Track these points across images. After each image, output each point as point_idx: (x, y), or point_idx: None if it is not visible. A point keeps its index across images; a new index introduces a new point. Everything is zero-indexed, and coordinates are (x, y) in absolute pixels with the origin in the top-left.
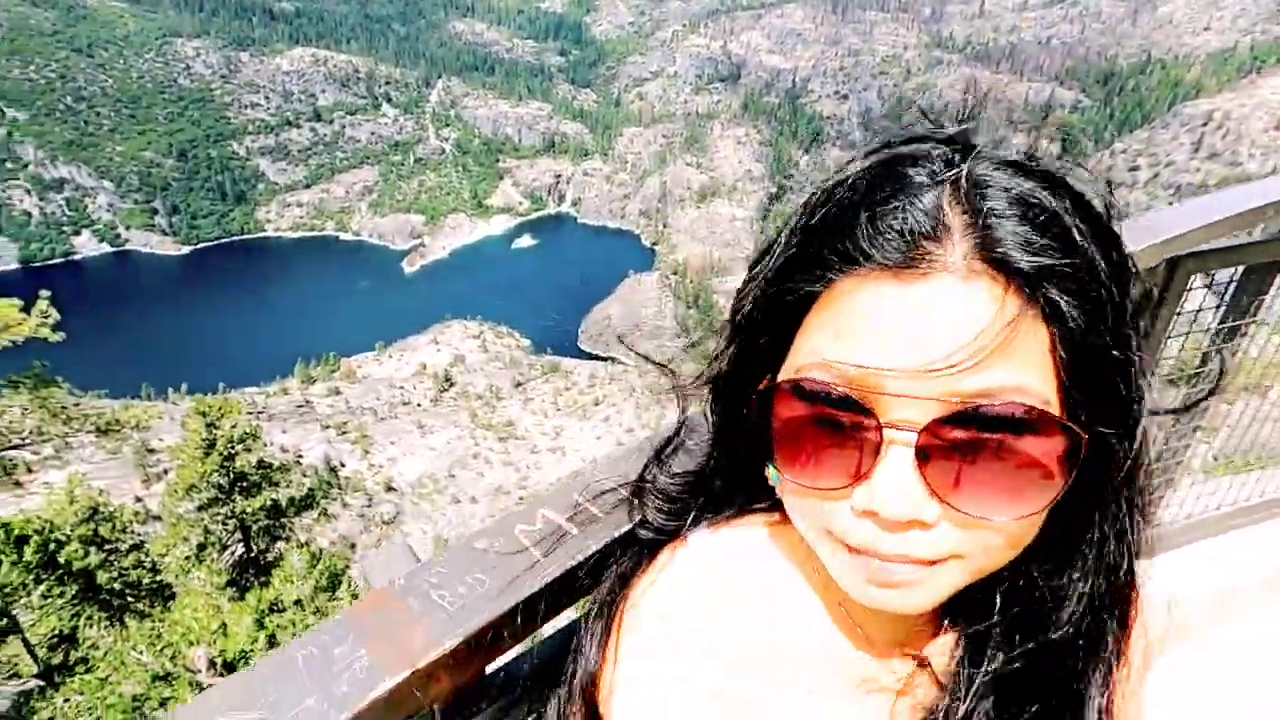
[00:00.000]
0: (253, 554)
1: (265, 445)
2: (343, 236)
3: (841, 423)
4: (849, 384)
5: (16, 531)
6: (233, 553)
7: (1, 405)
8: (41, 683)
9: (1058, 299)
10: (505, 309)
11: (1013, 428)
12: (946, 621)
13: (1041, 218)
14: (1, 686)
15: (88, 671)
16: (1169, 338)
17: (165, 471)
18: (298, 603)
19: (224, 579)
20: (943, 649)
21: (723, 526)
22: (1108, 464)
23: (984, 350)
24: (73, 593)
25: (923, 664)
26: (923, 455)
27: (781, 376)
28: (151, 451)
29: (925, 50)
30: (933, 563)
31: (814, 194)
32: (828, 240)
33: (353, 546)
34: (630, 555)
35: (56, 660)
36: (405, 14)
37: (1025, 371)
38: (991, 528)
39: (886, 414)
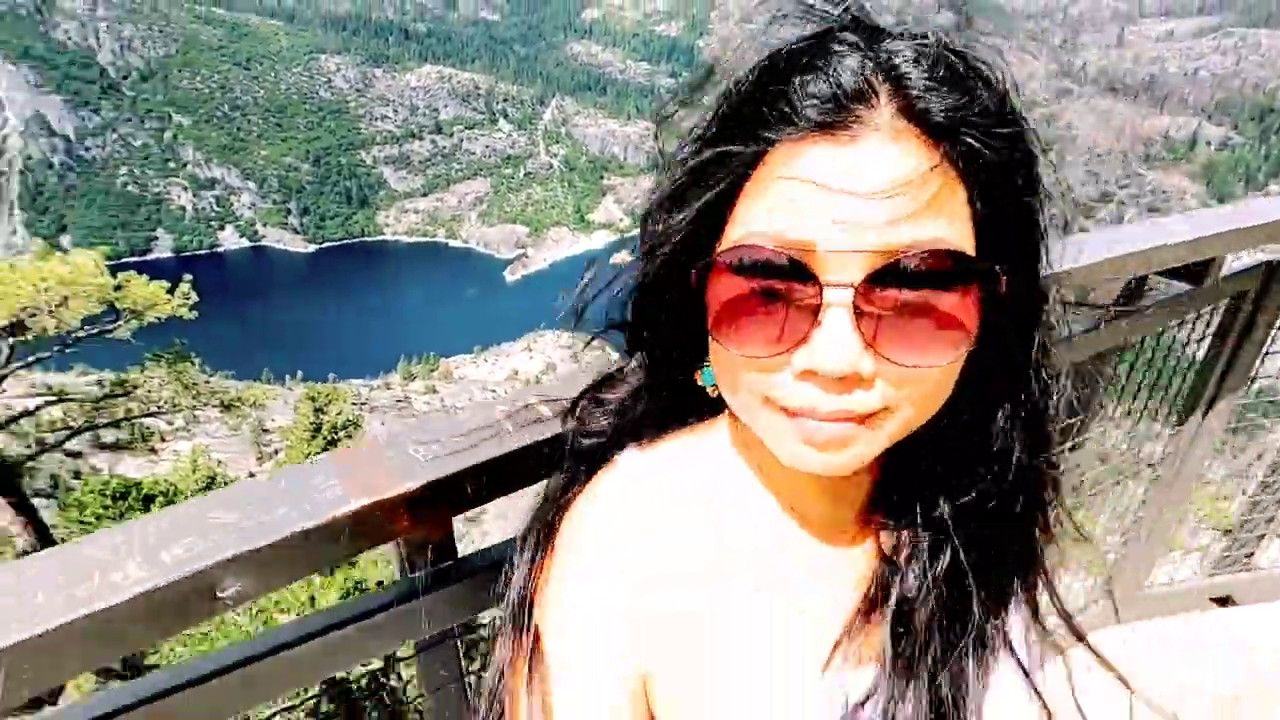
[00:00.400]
0: None
1: (365, 435)
2: (452, 243)
3: (779, 291)
4: (787, 247)
5: (145, 491)
6: None
7: (144, 376)
8: None
9: (973, 145)
10: (600, 321)
11: (937, 279)
12: (886, 498)
13: (949, 75)
14: None
15: None
16: (1269, 354)
17: (276, 451)
18: (379, 583)
19: None
20: (886, 527)
21: (653, 445)
22: (1016, 314)
23: (914, 201)
24: None
25: (869, 541)
26: (858, 311)
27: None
28: (266, 431)
29: (1053, 80)
30: (865, 419)
31: (739, 71)
32: (759, 107)
33: None
34: (566, 474)
35: None
36: (527, 36)
37: (948, 225)
38: (920, 378)
39: (823, 274)
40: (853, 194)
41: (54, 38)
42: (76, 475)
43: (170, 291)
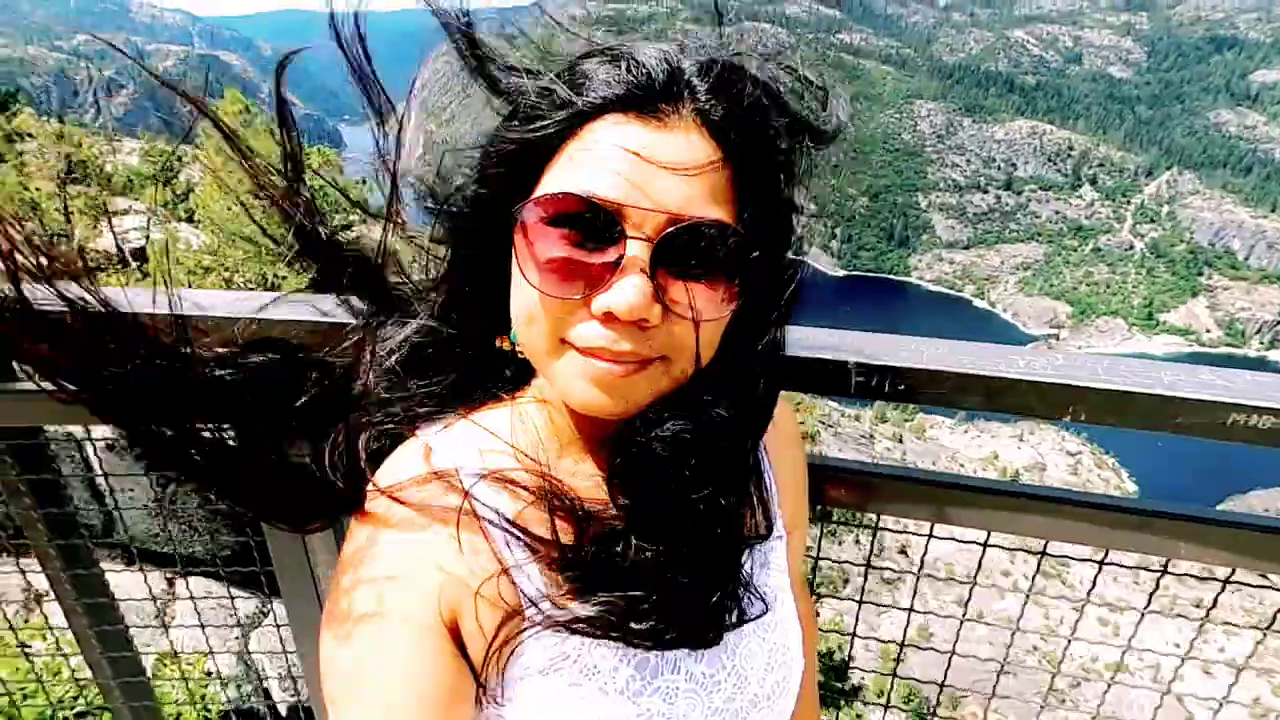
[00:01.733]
0: None
1: (817, 445)
2: (976, 302)
3: (585, 241)
4: (600, 203)
5: None
6: None
7: None
8: None
9: (745, 146)
10: (1120, 441)
11: (713, 250)
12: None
13: (738, 90)
14: None
15: None
16: None
17: None
18: None
19: None
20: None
21: (444, 423)
22: (767, 290)
23: (702, 183)
24: None
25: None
26: (651, 267)
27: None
28: None
29: None
30: (645, 365)
31: (565, 65)
32: (589, 80)
33: None
34: (367, 448)
35: None
36: (1160, 97)
37: (724, 208)
38: (690, 332)
39: (628, 229)
40: (658, 166)
41: None
42: None
43: None
